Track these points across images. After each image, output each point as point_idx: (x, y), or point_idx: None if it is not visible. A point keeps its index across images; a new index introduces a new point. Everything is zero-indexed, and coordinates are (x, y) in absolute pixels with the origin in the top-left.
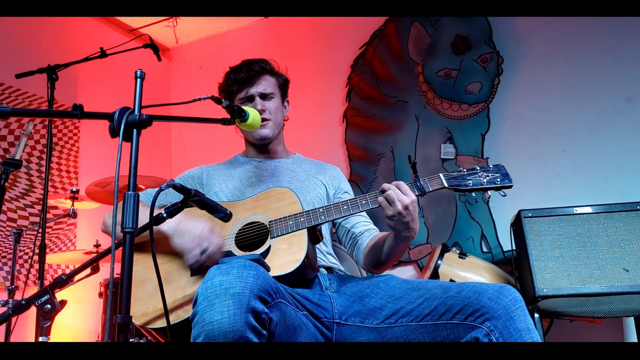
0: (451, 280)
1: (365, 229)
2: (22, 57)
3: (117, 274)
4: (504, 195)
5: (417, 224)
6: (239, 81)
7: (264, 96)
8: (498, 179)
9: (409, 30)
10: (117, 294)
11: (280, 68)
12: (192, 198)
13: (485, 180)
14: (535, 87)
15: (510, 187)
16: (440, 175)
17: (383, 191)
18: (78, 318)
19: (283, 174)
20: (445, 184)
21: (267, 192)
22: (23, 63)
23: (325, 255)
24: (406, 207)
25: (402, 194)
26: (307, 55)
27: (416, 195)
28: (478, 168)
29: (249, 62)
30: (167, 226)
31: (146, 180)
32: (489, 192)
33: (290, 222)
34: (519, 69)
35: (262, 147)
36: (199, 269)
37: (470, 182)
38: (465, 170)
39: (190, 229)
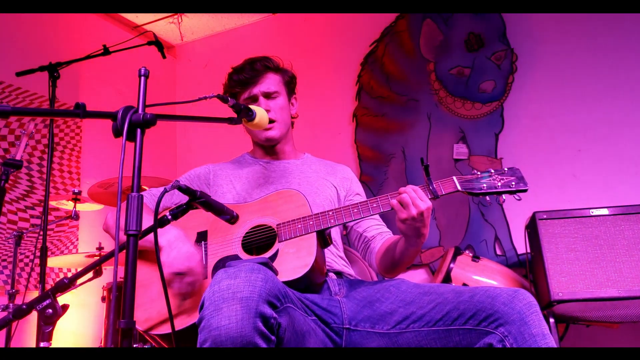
0: (464, 284)
1: (377, 232)
2: (23, 54)
3: (120, 278)
4: (519, 199)
5: (428, 230)
6: (241, 82)
7: (268, 95)
8: (513, 183)
9: (420, 27)
10: (121, 298)
11: (285, 64)
12: (198, 200)
13: (499, 184)
14: (550, 85)
15: (525, 191)
16: (454, 178)
17: (398, 194)
18: (80, 323)
19: (292, 176)
20: (459, 187)
21: (276, 194)
22: (24, 61)
23: (337, 257)
24: (421, 213)
25: (418, 199)
26: (316, 52)
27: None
28: (492, 171)
29: (251, 61)
30: (162, 239)
31: (150, 181)
32: (503, 195)
33: (299, 226)
34: (534, 67)
35: (269, 148)
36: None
37: (485, 185)
38: (479, 172)
39: (178, 249)
